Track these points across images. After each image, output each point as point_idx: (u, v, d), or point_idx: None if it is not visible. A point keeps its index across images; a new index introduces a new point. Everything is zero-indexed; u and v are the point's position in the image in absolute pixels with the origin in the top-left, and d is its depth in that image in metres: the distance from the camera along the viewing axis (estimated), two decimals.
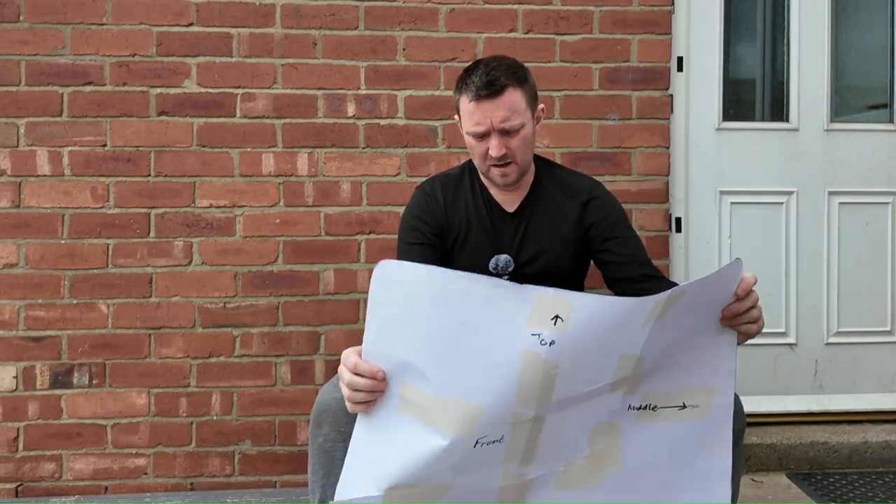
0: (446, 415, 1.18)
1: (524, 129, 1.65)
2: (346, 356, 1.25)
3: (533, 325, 1.16)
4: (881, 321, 2.81)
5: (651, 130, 2.59)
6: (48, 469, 2.44)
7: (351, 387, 1.21)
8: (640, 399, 1.25)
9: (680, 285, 1.17)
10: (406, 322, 1.20)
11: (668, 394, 1.26)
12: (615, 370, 1.21)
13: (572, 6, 2.54)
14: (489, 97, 1.61)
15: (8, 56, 2.40)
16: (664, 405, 1.26)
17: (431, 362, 1.19)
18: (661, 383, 1.25)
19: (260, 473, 2.50)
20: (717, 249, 2.74)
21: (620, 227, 1.76)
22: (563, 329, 1.15)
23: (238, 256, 2.48)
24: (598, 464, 1.27)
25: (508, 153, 1.64)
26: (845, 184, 2.78)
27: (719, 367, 1.27)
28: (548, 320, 1.15)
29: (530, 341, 1.16)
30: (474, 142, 1.66)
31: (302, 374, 2.50)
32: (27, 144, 2.42)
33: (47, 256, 2.43)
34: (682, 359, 1.25)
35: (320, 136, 2.50)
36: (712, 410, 1.27)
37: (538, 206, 1.78)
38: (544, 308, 1.15)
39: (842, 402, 2.78)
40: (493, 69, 1.63)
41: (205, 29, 2.46)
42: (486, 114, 1.61)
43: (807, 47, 2.77)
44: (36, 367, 2.43)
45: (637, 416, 1.26)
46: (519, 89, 1.64)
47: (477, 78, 1.62)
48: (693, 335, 1.24)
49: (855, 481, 2.48)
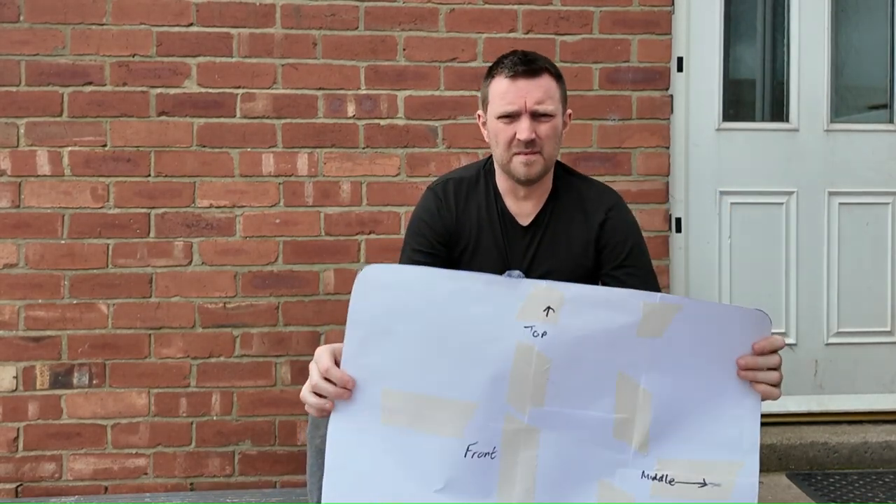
0: (436, 416, 1.17)
1: (555, 119, 1.60)
2: (319, 355, 1.20)
3: (525, 318, 1.15)
4: (881, 321, 2.81)
5: (651, 131, 2.59)
6: (48, 469, 2.44)
7: (316, 390, 1.17)
8: (654, 466, 1.17)
9: (675, 296, 1.14)
10: (393, 327, 1.17)
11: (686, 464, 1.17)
12: (615, 396, 1.17)
13: (572, 6, 2.54)
14: (526, 75, 1.57)
15: (8, 56, 2.40)
16: (683, 480, 1.17)
17: (421, 363, 1.17)
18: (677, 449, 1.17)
19: (260, 474, 2.50)
20: (717, 250, 2.74)
21: (634, 256, 1.69)
22: (554, 320, 1.15)
23: (238, 256, 2.48)
24: None
25: (537, 140, 1.58)
26: (845, 184, 2.78)
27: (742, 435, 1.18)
28: (540, 311, 1.15)
29: (523, 333, 1.15)
30: (502, 125, 1.59)
31: (302, 374, 2.49)
32: (27, 144, 2.42)
33: (47, 256, 2.43)
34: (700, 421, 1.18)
35: (320, 137, 2.50)
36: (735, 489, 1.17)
37: (552, 222, 1.71)
38: (536, 300, 1.15)
39: (842, 402, 2.78)
40: (532, 53, 1.61)
41: (205, 29, 2.46)
42: (520, 92, 1.57)
43: (807, 48, 2.77)
44: (36, 367, 2.43)
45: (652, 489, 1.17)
46: (555, 81, 1.62)
47: (516, 58, 1.59)
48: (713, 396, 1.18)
49: (855, 482, 2.48)
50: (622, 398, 1.17)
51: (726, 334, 1.17)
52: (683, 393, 1.18)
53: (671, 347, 1.16)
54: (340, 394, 1.17)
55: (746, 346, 1.17)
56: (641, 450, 1.17)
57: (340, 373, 1.17)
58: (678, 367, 1.17)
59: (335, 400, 1.18)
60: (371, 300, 1.16)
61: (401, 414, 1.17)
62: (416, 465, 1.17)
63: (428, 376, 1.17)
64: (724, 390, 1.18)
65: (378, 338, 1.17)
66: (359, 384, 1.17)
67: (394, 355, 1.17)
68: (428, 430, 1.17)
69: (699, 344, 1.17)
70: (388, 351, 1.17)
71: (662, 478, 1.17)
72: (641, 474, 1.17)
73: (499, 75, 1.60)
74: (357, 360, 1.17)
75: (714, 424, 1.18)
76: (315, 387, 1.18)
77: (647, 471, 1.17)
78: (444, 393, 1.17)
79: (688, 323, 1.16)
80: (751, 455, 1.17)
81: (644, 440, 1.17)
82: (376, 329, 1.17)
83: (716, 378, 1.18)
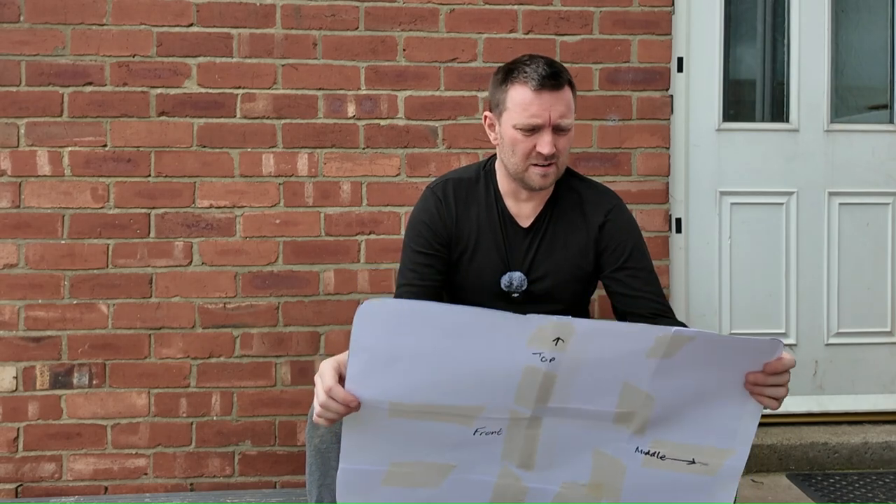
0: (444, 414, 1.22)
1: (572, 132, 1.61)
2: (323, 371, 1.23)
3: (534, 346, 1.17)
4: (881, 322, 2.81)
5: (651, 131, 2.59)
6: (48, 469, 2.44)
7: (323, 406, 1.21)
8: (649, 444, 1.25)
9: (689, 329, 1.18)
10: (396, 355, 1.18)
11: (679, 446, 1.25)
12: (619, 397, 1.21)
13: (572, 7, 2.54)
14: (553, 89, 1.54)
15: (8, 56, 2.41)
16: (673, 457, 1.25)
17: (426, 385, 1.20)
18: (673, 434, 1.24)
19: (260, 474, 2.50)
20: (717, 250, 2.74)
21: (635, 258, 1.68)
22: (563, 349, 1.17)
23: (238, 257, 2.48)
24: (595, 495, 1.28)
25: (556, 153, 1.58)
26: (845, 184, 2.78)
27: (738, 431, 1.24)
28: (549, 341, 1.16)
29: (531, 358, 1.17)
30: (521, 137, 1.57)
31: (302, 374, 2.50)
32: (27, 145, 2.42)
33: (47, 257, 2.43)
34: (700, 417, 1.23)
35: (320, 137, 2.50)
36: (721, 470, 1.25)
37: (553, 223, 1.71)
38: (546, 332, 1.16)
39: (842, 402, 2.78)
40: (555, 63, 1.58)
41: (205, 29, 2.46)
42: (545, 106, 1.54)
43: (807, 48, 2.77)
44: (36, 367, 2.43)
45: (644, 460, 1.25)
46: (572, 92, 1.60)
47: (540, 68, 1.55)
48: (716, 400, 1.22)
49: (855, 482, 2.48)
50: (625, 399, 1.21)
51: (737, 357, 1.20)
52: (687, 397, 1.22)
53: (679, 367, 1.19)
54: (346, 411, 1.20)
55: (757, 366, 1.20)
56: (638, 433, 1.24)
57: (344, 393, 1.19)
58: (684, 377, 1.20)
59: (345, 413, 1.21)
60: (372, 332, 1.17)
61: (409, 413, 1.22)
62: (426, 441, 1.25)
63: (434, 393, 1.21)
64: (728, 395, 1.22)
65: (382, 365, 1.19)
66: (364, 400, 1.21)
67: (399, 380, 1.19)
68: (437, 421, 1.23)
69: (709, 364, 1.19)
70: (392, 376, 1.19)
71: (655, 454, 1.25)
72: (635, 449, 1.25)
73: (520, 84, 1.57)
74: (362, 381, 1.20)
75: (713, 419, 1.23)
76: (322, 404, 1.21)
77: (640, 447, 1.25)
78: (451, 402, 1.21)
79: (699, 350, 1.18)
80: (743, 447, 1.24)
81: (642, 428, 1.24)
82: (380, 357, 1.19)
83: (721, 384, 1.22)
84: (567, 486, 1.28)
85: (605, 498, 1.28)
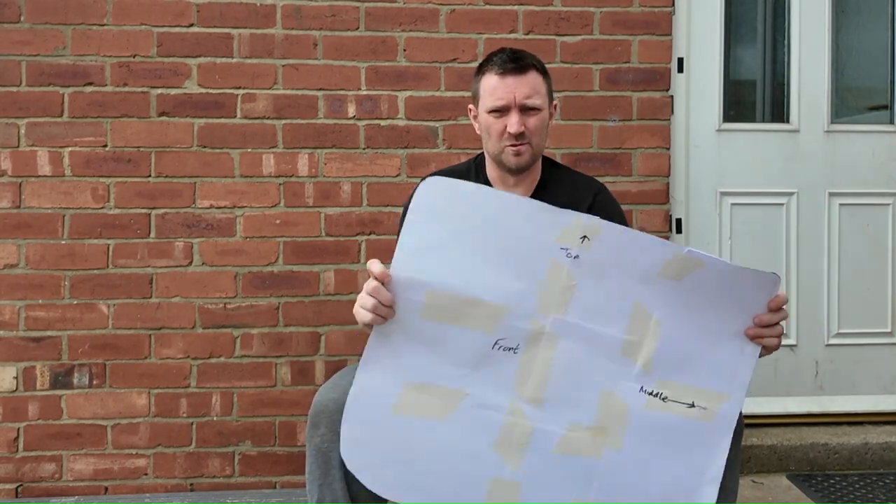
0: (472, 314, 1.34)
1: (542, 112, 1.69)
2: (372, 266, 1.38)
3: (562, 241, 1.34)
4: (881, 322, 2.81)
5: (651, 131, 2.59)
6: (48, 469, 2.44)
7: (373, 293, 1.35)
8: (653, 384, 1.35)
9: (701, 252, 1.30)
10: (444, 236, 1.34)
11: (681, 387, 1.35)
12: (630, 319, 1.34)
13: (573, 7, 2.54)
14: (514, 72, 1.66)
15: (9, 56, 2.41)
16: (675, 399, 1.35)
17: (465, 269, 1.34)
18: (676, 374, 1.35)
19: (260, 474, 2.50)
20: (718, 250, 2.74)
21: None
22: (588, 247, 1.33)
23: (238, 257, 2.48)
24: (599, 437, 1.36)
25: (526, 132, 1.67)
26: (846, 185, 2.78)
27: (735, 377, 1.36)
28: (576, 238, 1.33)
29: (558, 253, 1.34)
30: (492, 119, 1.68)
31: (302, 374, 2.50)
32: (28, 145, 2.42)
33: (48, 257, 2.43)
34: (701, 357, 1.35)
35: (321, 137, 2.50)
36: (718, 415, 1.35)
37: None
38: (575, 228, 1.33)
39: (842, 403, 2.78)
40: (520, 52, 1.71)
41: (205, 30, 2.46)
42: (509, 88, 1.65)
43: (807, 49, 2.77)
44: (36, 367, 2.43)
45: (647, 402, 1.36)
46: (541, 76, 1.71)
47: (504, 56, 1.68)
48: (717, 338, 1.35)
49: (855, 483, 2.48)
50: (635, 323, 1.35)
51: (740, 292, 1.33)
52: (690, 330, 1.34)
53: (687, 292, 1.33)
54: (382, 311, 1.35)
55: (760, 305, 1.34)
56: (645, 368, 1.35)
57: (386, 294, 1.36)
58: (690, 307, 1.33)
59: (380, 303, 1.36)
60: (429, 207, 1.35)
61: (439, 311, 1.35)
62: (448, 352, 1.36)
63: (469, 280, 1.35)
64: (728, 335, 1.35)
65: (430, 246, 1.35)
66: (405, 284, 1.35)
67: (442, 262, 1.35)
68: (462, 325, 1.35)
69: (713, 295, 1.33)
70: (437, 258, 1.35)
71: (658, 395, 1.36)
72: (640, 388, 1.36)
73: (488, 72, 1.70)
74: (408, 264, 1.36)
75: (713, 360, 1.35)
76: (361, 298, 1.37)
77: (645, 387, 1.36)
78: (480, 294, 1.35)
79: (707, 277, 1.32)
80: (738, 391, 1.36)
81: (648, 361, 1.35)
82: (430, 238, 1.35)
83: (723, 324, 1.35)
84: (572, 428, 1.36)
85: (608, 442, 1.35)
